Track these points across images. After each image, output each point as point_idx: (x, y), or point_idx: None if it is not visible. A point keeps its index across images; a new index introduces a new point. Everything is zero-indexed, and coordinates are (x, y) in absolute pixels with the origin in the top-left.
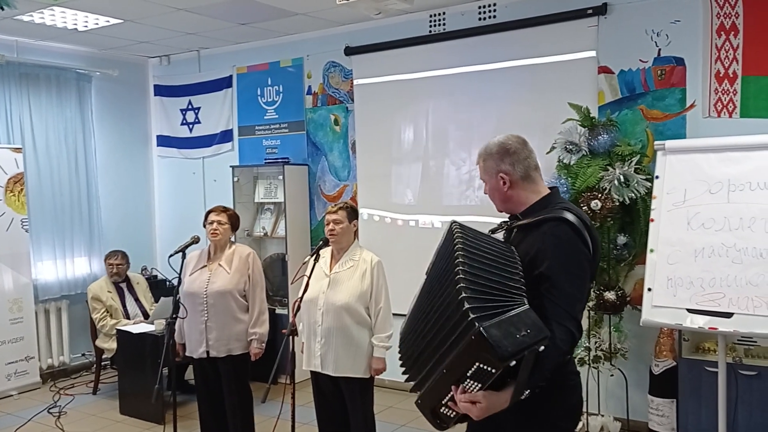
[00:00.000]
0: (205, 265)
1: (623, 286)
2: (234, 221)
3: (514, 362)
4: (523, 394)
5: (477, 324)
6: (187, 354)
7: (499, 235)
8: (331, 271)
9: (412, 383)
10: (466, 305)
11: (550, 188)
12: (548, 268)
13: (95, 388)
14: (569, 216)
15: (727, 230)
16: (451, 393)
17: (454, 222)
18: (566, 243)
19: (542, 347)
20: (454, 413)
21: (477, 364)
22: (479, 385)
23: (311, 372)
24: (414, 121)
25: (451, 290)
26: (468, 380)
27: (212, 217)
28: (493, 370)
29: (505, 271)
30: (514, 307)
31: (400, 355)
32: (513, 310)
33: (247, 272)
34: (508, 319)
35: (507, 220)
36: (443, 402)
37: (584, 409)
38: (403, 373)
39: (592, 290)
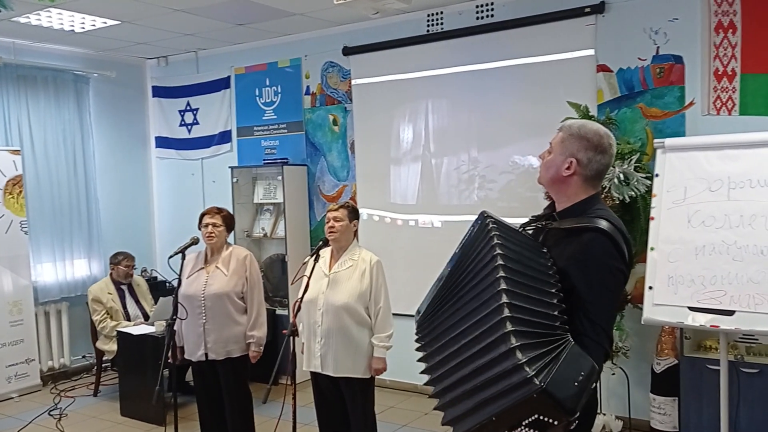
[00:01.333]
0: (203, 268)
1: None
2: (229, 222)
3: (578, 415)
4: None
5: (537, 382)
6: (186, 357)
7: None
8: (330, 270)
9: (433, 391)
10: (519, 355)
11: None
12: (587, 284)
13: (96, 390)
14: (606, 225)
15: (727, 228)
16: None
17: (488, 216)
18: (607, 258)
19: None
20: None
21: (537, 416)
22: None
23: (311, 372)
24: (412, 120)
25: (491, 304)
26: (523, 428)
27: (206, 219)
28: (556, 422)
29: (545, 291)
30: (561, 344)
31: (419, 343)
32: (563, 351)
33: (244, 274)
34: (564, 365)
35: (540, 215)
36: None
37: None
38: (423, 372)
39: None
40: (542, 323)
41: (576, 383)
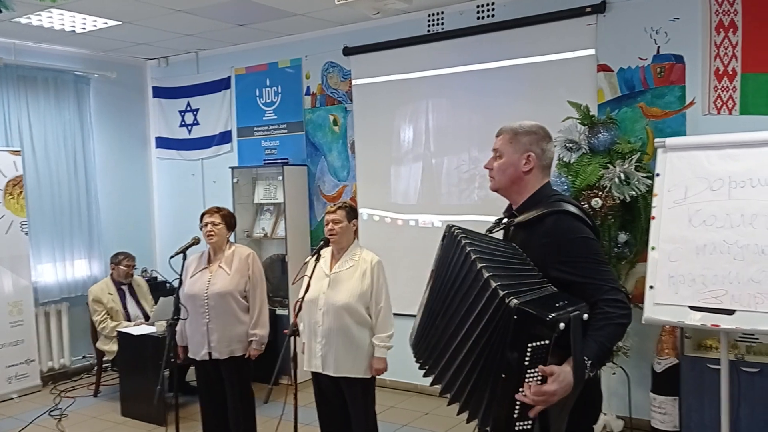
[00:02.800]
0: (206, 267)
1: (625, 284)
2: (228, 221)
3: (563, 325)
4: (588, 369)
5: (514, 303)
6: (189, 356)
7: (498, 235)
8: (331, 270)
9: (444, 394)
10: (501, 292)
11: None
12: (570, 259)
13: (96, 390)
14: (570, 208)
15: (728, 227)
16: (519, 402)
17: (454, 227)
18: (576, 232)
19: (586, 315)
20: (529, 423)
21: (530, 345)
22: (537, 373)
23: (312, 372)
24: (413, 120)
25: (475, 287)
26: (528, 373)
27: (206, 219)
28: (546, 341)
29: (522, 268)
30: (544, 290)
31: (421, 363)
32: (545, 292)
33: (247, 273)
34: (542, 297)
35: (502, 217)
36: (515, 416)
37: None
38: (433, 383)
39: None
40: (524, 282)
41: (556, 306)
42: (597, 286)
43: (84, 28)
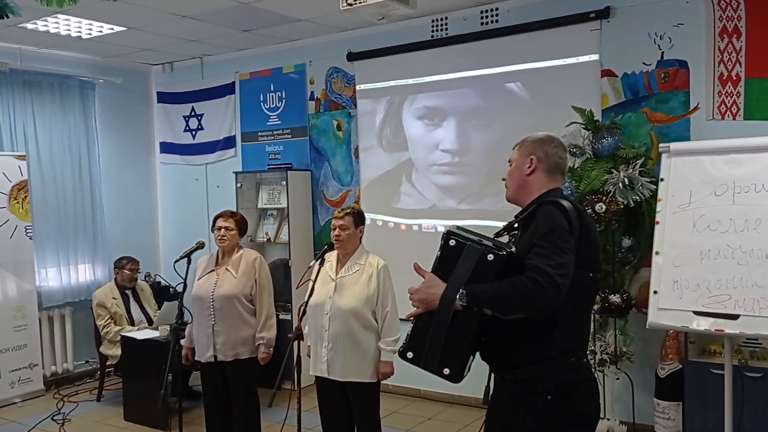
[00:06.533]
0: (213, 270)
1: (628, 289)
2: (242, 226)
3: (453, 242)
4: (459, 298)
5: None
6: (195, 358)
7: (504, 239)
8: (337, 275)
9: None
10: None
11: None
12: (536, 232)
13: (99, 394)
14: (563, 202)
15: (732, 232)
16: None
17: (447, 229)
18: (550, 217)
19: (491, 256)
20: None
21: (438, 254)
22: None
23: (316, 377)
24: (416, 125)
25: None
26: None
27: (220, 222)
28: (439, 252)
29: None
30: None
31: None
32: (495, 241)
33: (254, 276)
34: (478, 237)
35: (511, 221)
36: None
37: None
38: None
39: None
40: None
41: (473, 237)
42: (536, 256)
43: (90, 34)
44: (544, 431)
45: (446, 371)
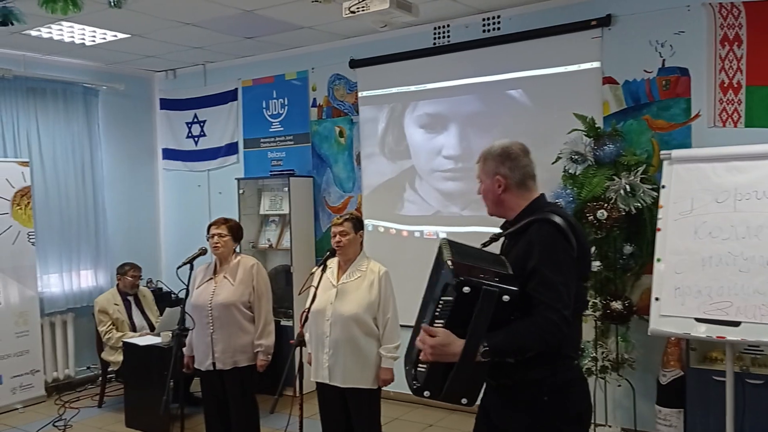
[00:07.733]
0: (212, 278)
1: (630, 296)
2: (235, 232)
3: (467, 289)
4: (481, 353)
5: (448, 258)
6: (195, 366)
7: (492, 248)
8: (338, 281)
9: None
10: (451, 263)
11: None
12: (534, 263)
13: (101, 401)
14: (555, 218)
15: (734, 239)
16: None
17: (443, 240)
18: (549, 239)
19: (506, 297)
20: (424, 367)
21: (442, 299)
22: (443, 322)
23: (317, 384)
24: (418, 132)
25: (438, 272)
26: (435, 323)
27: (213, 230)
28: (450, 299)
29: (495, 264)
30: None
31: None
32: (500, 272)
33: (251, 283)
34: (485, 268)
35: (497, 232)
36: (420, 357)
37: (592, 420)
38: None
39: (590, 296)
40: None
41: (481, 276)
42: (542, 293)
43: (93, 41)
44: (537, 430)
45: (464, 401)
